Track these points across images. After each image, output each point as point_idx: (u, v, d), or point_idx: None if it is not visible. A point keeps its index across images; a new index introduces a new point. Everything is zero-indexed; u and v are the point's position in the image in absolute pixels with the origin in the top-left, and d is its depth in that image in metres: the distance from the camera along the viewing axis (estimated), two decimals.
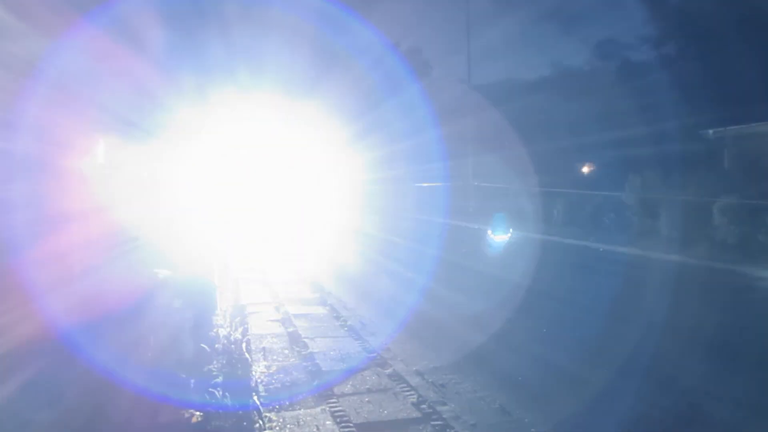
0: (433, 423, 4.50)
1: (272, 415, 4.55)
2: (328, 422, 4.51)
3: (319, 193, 21.39)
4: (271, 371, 5.71)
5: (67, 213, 2.08)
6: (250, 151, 20.67)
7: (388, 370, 5.74)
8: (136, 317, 2.48)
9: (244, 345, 5.08)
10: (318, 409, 4.77)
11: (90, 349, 1.98)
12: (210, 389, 4.30)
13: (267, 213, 20.15)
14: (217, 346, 5.34)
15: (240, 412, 4.06)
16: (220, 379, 4.70)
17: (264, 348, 6.45)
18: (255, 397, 4.51)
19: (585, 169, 24.69)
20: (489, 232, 18.67)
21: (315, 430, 4.36)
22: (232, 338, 5.58)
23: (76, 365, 1.99)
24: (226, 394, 4.20)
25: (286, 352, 6.39)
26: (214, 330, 5.74)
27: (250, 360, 5.50)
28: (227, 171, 19.53)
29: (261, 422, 4.15)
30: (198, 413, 4.08)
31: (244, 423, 4.02)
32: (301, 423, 4.49)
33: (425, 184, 25.21)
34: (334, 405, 4.86)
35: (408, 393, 5.13)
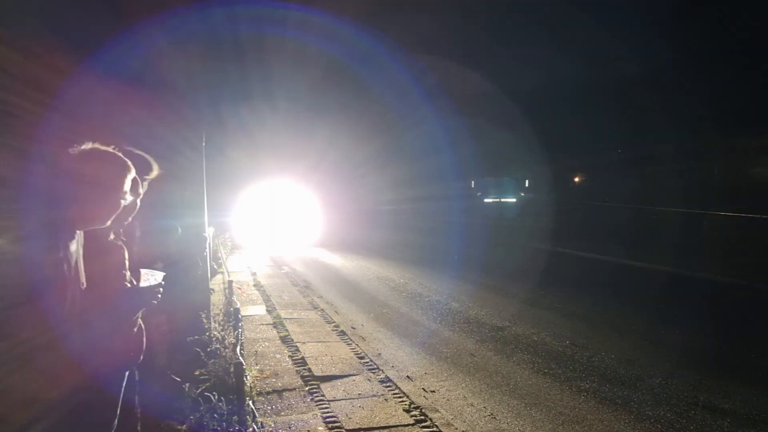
0: (424, 429, 4.54)
1: (265, 420, 4.59)
2: (320, 428, 4.54)
3: (328, 212, 21.58)
4: (264, 375, 5.75)
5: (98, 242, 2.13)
6: (269, 170, 21.16)
7: (380, 376, 5.79)
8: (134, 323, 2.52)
9: (238, 348, 5.10)
10: (310, 414, 4.80)
11: (87, 358, 2.01)
12: (204, 393, 4.32)
13: (278, 229, 20.45)
14: (209, 349, 5.35)
15: (233, 416, 4.08)
16: (212, 383, 4.72)
17: (257, 352, 6.49)
18: (248, 402, 4.54)
19: (576, 179, 25.00)
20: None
21: None
22: (225, 342, 5.59)
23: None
24: (221, 398, 4.23)
25: (278, 356, 6.43)
26: (207, 333, 5.75)
27: (243, 364, 5.51)
28: (247, 190, 20.11)
29: (254, 427, 4.18)
30: (191, 417, 4.11)
31: (237, 427, 4.04)
32: (293, 428, 4.52)
33: (426, 204, 25.43)
34: (325, 410, 4.90)
35: (399, 399, 5.18)
